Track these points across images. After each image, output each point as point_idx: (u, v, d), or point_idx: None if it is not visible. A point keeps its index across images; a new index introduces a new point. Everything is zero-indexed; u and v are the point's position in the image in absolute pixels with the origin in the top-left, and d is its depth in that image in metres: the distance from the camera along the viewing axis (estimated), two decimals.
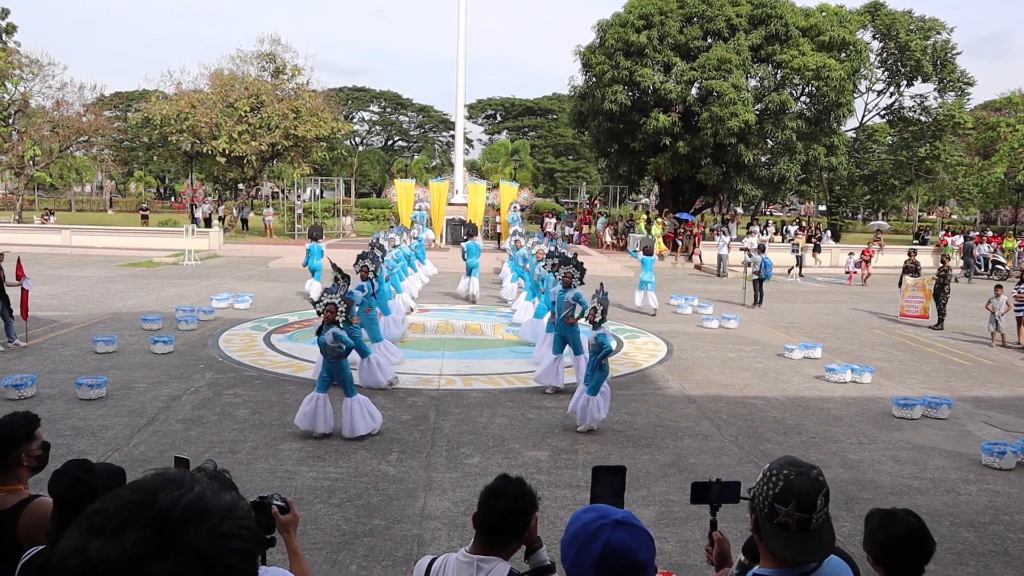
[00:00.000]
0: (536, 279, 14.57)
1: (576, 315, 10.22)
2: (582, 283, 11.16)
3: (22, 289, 12.45)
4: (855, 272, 26.41)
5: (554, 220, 35.97)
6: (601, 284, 10.01)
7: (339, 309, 8.47)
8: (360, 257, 11.85)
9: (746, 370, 12.14)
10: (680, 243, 31.57)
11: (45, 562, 0.86)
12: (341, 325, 8.48)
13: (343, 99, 62.02)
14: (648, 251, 18.24)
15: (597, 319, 8.92)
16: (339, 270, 10.56)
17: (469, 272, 18.30)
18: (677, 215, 33.25)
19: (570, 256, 12.41)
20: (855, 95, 34.72)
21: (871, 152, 44.92)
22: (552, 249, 14.60)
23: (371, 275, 11.46)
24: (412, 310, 15.55)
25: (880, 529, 2.83)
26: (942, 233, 36.63)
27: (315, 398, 8.24)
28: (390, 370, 10.49)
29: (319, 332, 8.46)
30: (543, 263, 13.87)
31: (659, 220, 31.87)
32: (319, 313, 8.55)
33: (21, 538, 2.81)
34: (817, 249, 30.31)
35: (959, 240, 32.70)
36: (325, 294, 8.62)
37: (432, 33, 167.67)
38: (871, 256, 27.56)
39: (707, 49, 31.43)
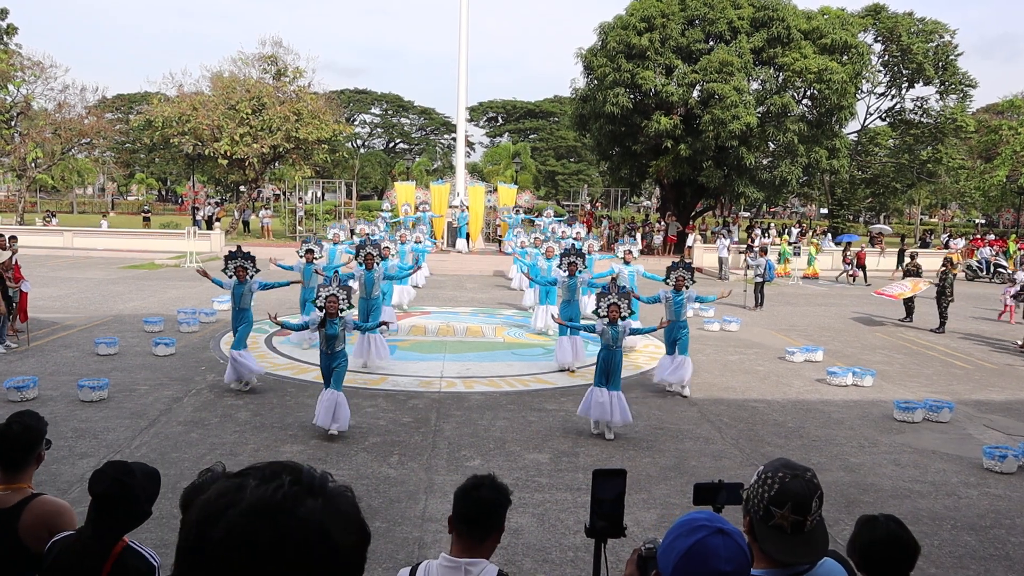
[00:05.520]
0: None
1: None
2: (586, 267, 11.38)
3: (20, 291, 12.46)
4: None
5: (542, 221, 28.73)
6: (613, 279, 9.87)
7: (340, 298, 8.62)
8: (359, 247, 12.74)
9: (747, 373, 12.14)
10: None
11: (194, 495, 0.92)
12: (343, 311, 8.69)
13: (344, 101, 62.07)
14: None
15: (625, 314, 8.89)
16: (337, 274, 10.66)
17: (462, 234, 28.33)
18: (838, 239, 31.87)
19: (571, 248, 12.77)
20: (857, 98, 34.68)
21: (873, 155, 44.84)
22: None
23: (376, 262, 12.51)
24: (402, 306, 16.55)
25: (861, 535, 2.84)
26: (963, 243, 35.57)
27: (333, 395, 8.29)
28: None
29: (322, 326, 8.51)
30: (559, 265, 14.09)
31: (813, 241, 28.62)
32: (321, 308, 8.59)
33: (23, 536, 2.82)
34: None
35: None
36: (321, 290, 8.67)
37: (434, 32, 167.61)
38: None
39: (709, 52, 31.41)
